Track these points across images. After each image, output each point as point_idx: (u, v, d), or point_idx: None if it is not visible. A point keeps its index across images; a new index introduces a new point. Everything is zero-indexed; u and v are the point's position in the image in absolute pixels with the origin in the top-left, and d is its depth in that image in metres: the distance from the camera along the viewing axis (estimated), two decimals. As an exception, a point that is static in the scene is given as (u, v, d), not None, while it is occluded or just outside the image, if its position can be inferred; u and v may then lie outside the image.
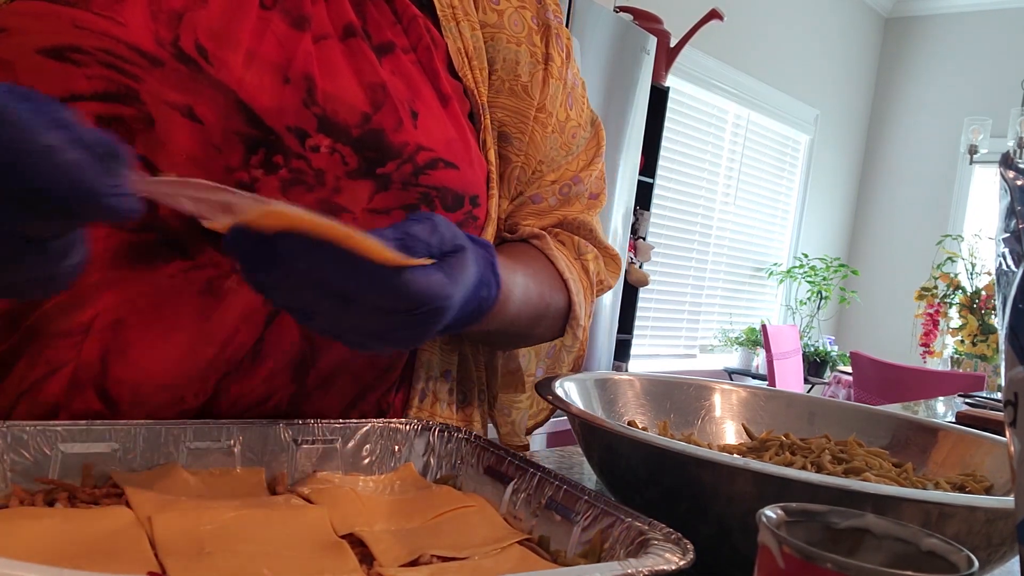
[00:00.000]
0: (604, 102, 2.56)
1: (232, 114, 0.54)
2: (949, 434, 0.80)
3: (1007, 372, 0.38)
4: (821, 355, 4.96)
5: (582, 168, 0.78)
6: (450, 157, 0.63)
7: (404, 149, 0.60)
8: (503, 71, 0.71)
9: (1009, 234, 0.40)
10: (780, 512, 0.38)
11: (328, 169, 0.58)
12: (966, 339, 4.01)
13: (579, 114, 0.78)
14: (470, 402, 0.75)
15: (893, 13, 5.77)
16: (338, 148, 0.58)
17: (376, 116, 0.59)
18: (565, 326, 0.73)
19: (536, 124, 0.73)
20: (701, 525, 0.56)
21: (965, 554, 0.36)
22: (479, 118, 0.69)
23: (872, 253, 5.77)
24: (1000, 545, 0.54)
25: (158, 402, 0.56)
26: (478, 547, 0.47)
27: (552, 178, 0.75)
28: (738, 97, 4.67)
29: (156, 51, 0.53)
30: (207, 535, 0.43)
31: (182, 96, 0.53)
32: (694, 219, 4.61)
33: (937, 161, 5.48)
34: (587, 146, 0.79)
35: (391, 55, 0.63)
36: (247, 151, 0.55)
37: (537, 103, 0.72)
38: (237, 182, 0.55)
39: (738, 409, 0.89)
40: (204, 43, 0.54)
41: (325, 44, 0.59)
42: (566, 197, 0.77)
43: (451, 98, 0.65)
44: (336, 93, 0.58)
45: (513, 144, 0.72)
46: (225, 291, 0.56)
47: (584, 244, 0.78)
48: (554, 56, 0.74)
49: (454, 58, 0.68)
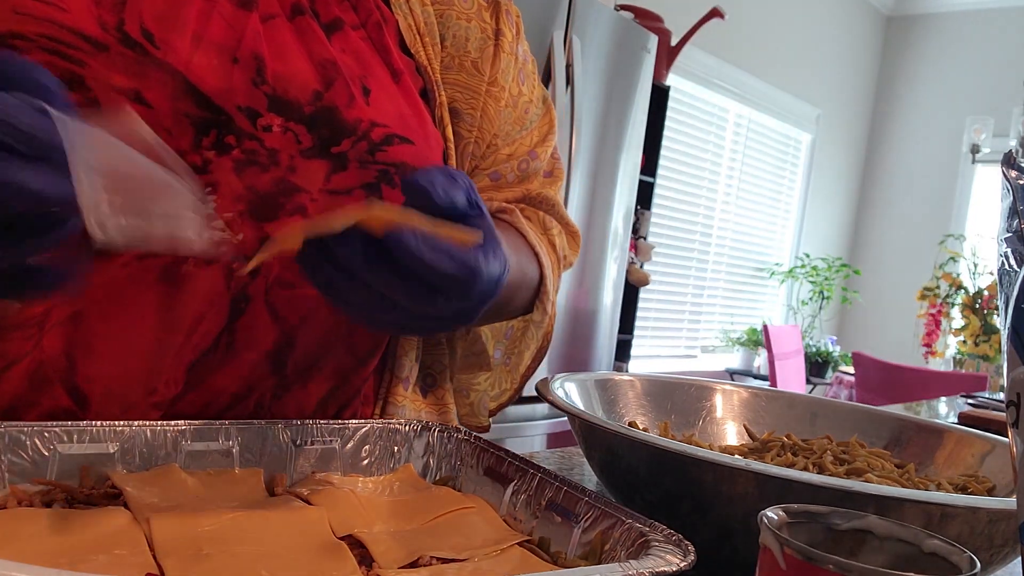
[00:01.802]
0: (604, 101, 2.56)
1: (181, 96, 0.54)
2: (951, 435, 0.80)
3: (1009, 372, 0.38)
4: (823, 355, 4.96)
5: (537, 143, 0.77)
6: (405, 132, 0.63)
7: (358, 126, 0.60)
8: (452, 47, 0.71)
9: (1011, 234, 0.40)
10: (782, 513, 0.38)
11: (282, 148, 0.57)
12: (968, 339, 4.01)
13: (531, 90, 0.78)
14: (441, 384, 0.75)
15: (895, 12, 5.76)
16: (291, 127, 0.58)
17: (328, 93, 0.59)
18: (535, 300, 0.73)
19: (488, 98, 0.72)
20: (702, 526, 0.56)
21: (967, 555, 0.35)
22: (433, 95, 0.69)
23: (874, 253, 5.77)
24: (1002, 546, 0.54)
25: (130, 395, 0.55)
26: (478, 548, 0.47)
27: (508, 152, 0.75)
28: (739, 96, 4.67)
29: (100, 36, 0.52)
30: (205, 536, 0.43)
31: (129, 80, 0.52)
32: (695, 218, 4.61)
33: (939, 160, 5.48)
34: (540, 123, 0.79)
35: (340, 32, 0.63)
36: (198, 133, 0.55)
37: (488, 78, 0.72)
38: (189, 165, 0.54)
39: (739, 410, 0.88)
40: (149, 27, 0.54)
41: (273, 23, 0.59)
42: (524, 173, 0.76)
43: (403, 73, 0.65)
44: (286, 72, 0.58)
45: (464, 120, 0.72)
46: (183, 277, 0.56)
47: (549, 219, 0.78)
48: (504, 31, 0.74)
49: (405, 35, 0.68)
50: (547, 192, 0.78)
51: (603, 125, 2.57)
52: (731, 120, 4.76)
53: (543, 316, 0.74)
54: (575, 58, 2.33)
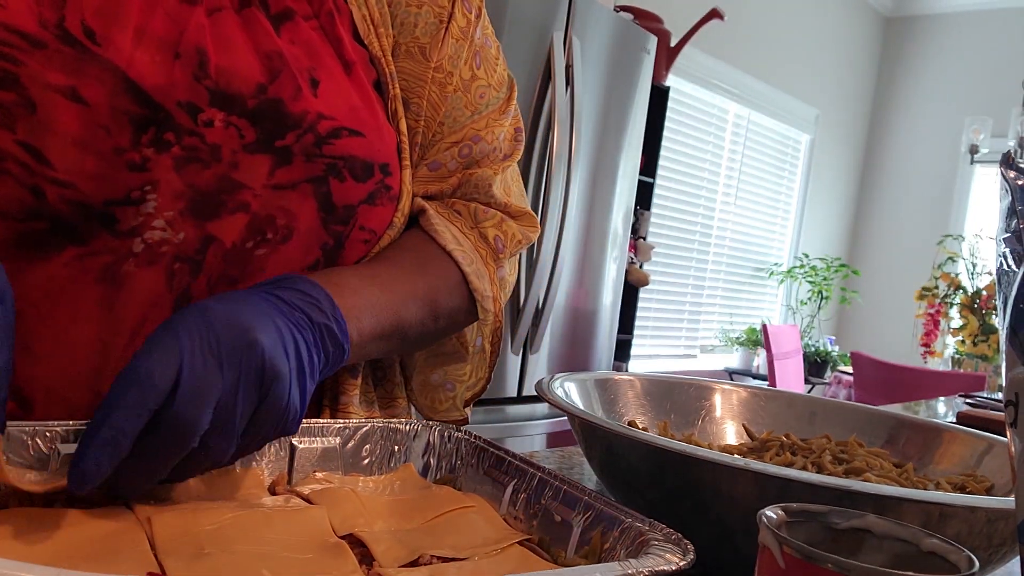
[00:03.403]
0: (604, 102, 2.56)
1: (119, 93, 0.53)
2: (950, 434, 0.80)
3: (1008, 372, 0.38)
4: (822, 355, 4.96)
5: (483, 127, 0.74)
6: (355, 125, 0.62)
7: (304, 118, 0.59)
8: (401, 35, 0.70)
9: (1010, 234, 0.40)
10: (781, 512, 0.38)
11: (224, 143, 0.56)
12: (967, 339, 4.01)
13: (488, 74, 0.75)
14: (390, 378, 0.74)
15: (894, 12, 5.77)
16: (233, 121, 0.57)
17: (272, 86, 0.58)
18: (472, 305, 0.70)
19: (433, 84, 0.71)
20: (702, 525, 0.56)
21: (966, 554, 0.36)
22: (387, 87, 0.68)
23: (873, 253, 5.77)
24: (1001, 545, 0.54)
25: (74, 398, 0.55)
26: (478, 548, 0.47)
27: (453, 139, 0.72)
28: (739, 97, 4.67)
29: (39, 33, 0.51)
30: (206, 535, 0.43)
31: (65, 78, 0.51)
32: (694, 219, 4.61)
33: (938, 161, 5.48)
34: (498, 107, 0.76)
35: (290, 23, 0.61)
36: (136, 130, 0.53)
37: (434, 64, 0.71)
38: (128, 162, 0.54)
39: (739, 409, 0.89)
40: (91, 23, 0.53)
41: (219, 16, 0.58)
42: (467, 159, 0.73)
43: (355, 65, 0.64)
44: (230, 65, 0.57)
45: (411, 109, 0.70)
46: (124, 276, 0.55)
47: (482, 211, 0.74)
48: (457, 15, 0.72)
49: (359, 25, 0.67)
50: (482, 173, 0.73)
51: (603, 126, 2.57)
52: (730, 120, 4.76)
53: (484, 314, 0.71)
54: (575, 59, 2.33)
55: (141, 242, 0.55)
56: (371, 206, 0.64)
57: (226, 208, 0.57)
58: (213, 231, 0.57)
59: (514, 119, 0.77)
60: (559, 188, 2.31)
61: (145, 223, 0.55)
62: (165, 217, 0.55)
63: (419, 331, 0.66)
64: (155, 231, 0.55)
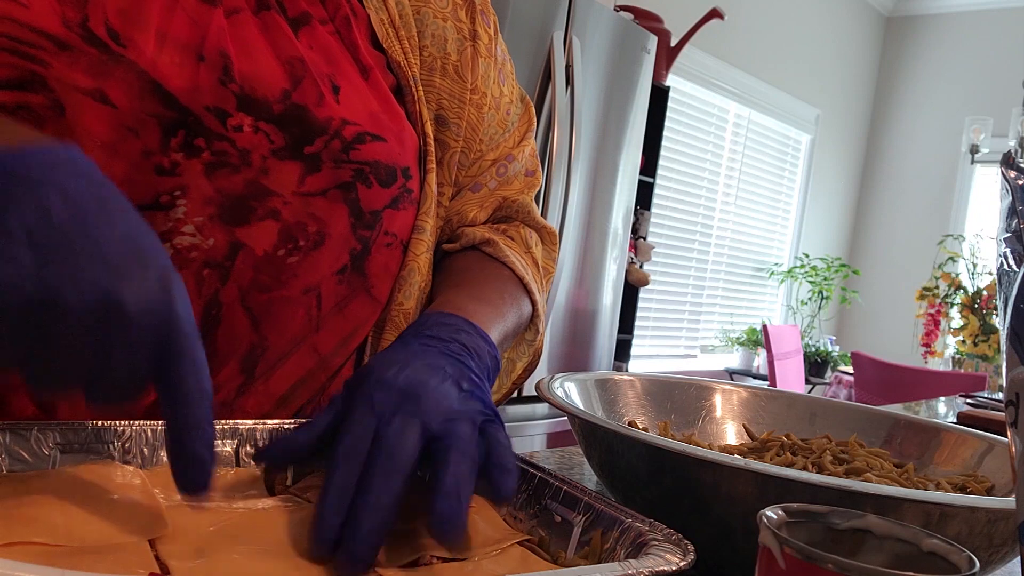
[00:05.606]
0: (604, 101, 2.56)
1: (145, 96, 0.52)
2: (950, 434, 0.80)
3: (1008, 372, 0.38)
4: (822, 355, 4.96)
5: (515, 145, 0.77)
6: (376, 130, 0.62)
7: (329, 124, 0.59)
8: (433, 47, 0.70)
9: (1010, 234, 0.40)
10: (781, 513, 0.38)
11: (253, 149, 0.56)
12: (967, 339, 4.01)
13: (511, 90, 0.77)
14: None
15: (894, 12, 5.77)
16: (261, 126, 0.56)
17: (296, 92, 0.58)
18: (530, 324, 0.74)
19: (471, 106, 0.72)
20: (702, 526, 0.56)
21: (966, 555, 0.36)
22: (408, 89, 0.67)
23: (873, 253, 5.77)
24: (1001, 546, 0.54)
25: None
26: (478, 548, 0.47)
27: (492, 157, 0.75)
28: (739, 96, 4.67)
29: (64, 34, 0.50)
30: (207, 536, 0.43)
31: (92, 80, 0.51)
32: (695, 219, 4.61)
33: (938, 161, 5.48)
34: (519, 122, 0.78)
35: (307, 27, 0.61)
36: (165, 134, 0.53)
37: (471, 84, 0.71)
38: (157, 166, 0.53)
39: (739, 409, 0.88)
40: (114, 23, 0.52)
41: (238, 18, 0.57)
42: (504, 178, 0.76)
43: (372, 70, 0.64)
44: (253, 70, 0.56)
45: (451, 129, 0.71)
46: None
47: (529, 236, 0.77)
48: (480, 33, 0.72)
49: (377, 29, 0.66)
50: (523, 199, 0.77)
51: (603, 125, 2.57)
52: (731, 120, 4.76)
53: (535, 335, 0.75)
54: (575, 58, 2.33)
55: (170, 247, 0.55)
56: (395, 211, 0.65)
57: (255, 214, 0.57)
58: (242, 237, 0.57)
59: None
60: (559, 188, 2.31)
61: (174, 228, 0.55)
62: (194, 223, 0.55)
63: (510, 345, 0.70)
64: (184, 236, 0.55)
